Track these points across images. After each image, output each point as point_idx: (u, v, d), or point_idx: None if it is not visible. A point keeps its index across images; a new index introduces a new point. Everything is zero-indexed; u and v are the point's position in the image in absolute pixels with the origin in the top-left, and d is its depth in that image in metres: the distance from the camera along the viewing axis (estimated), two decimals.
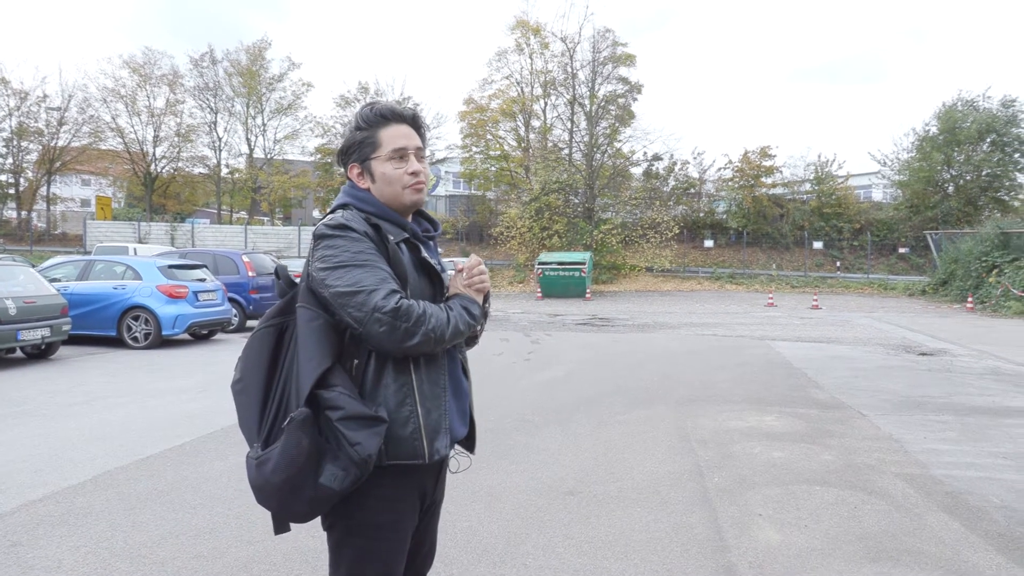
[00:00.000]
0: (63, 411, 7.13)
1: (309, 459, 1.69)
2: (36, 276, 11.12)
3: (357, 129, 1.94)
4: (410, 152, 1.93)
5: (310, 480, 1.70)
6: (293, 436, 1.69)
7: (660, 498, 4.71)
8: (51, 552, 3.71)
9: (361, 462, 1.69)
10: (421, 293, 1.88)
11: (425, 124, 2.04)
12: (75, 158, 43.61)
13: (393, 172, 1.92)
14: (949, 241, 29.68)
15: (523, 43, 41.89)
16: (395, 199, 1.94)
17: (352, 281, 1.74)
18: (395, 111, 1.95)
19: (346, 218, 1.83)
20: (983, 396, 8.30)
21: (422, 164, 1.96)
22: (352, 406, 1.72)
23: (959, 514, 4.41)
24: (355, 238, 1.80)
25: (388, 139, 1.92)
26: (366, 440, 1.70)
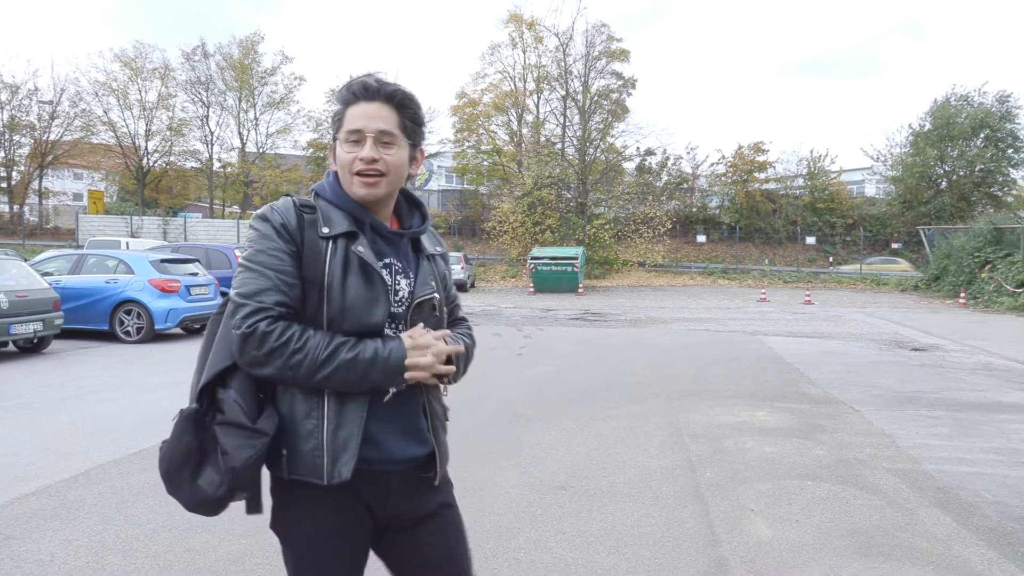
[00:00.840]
0: (55, 405, 7.10)
1: (188, 457, 1.61)
2: (28, 270, 11.06)
3: (336, 104, 1.74)
4: (367, 135, 1.65)
5: (186, 479, 1.62)
6: (177, 430, 1.63)
7: (652, 493, 4.72)
8: (44, 546, 3.70)
9: (227, 471, 1.56)
10: (355, 297, 1.62)
11: (412, 104, 1.73)
12: (67, 152, 43.38)
13: (344, 156, 1.68)
14: (942, 237, 29.81)
15: (516, 37, 41.85)
16: (347, 188, 1.70)
17: (237, 285, 1.60)
18: (365, 86, 1.67)
19: (272, 208, 1.66)
20: (975, 391, 8.34)
21: (387, 150, 1.68)
22: (232, 412, 1.58)
23: (951, 509, 4.44)
24: (264, 233, 1.63)
25: (349, 118, 1.68)
26: (235, 451, 1.55)
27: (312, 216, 1.66)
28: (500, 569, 3.55)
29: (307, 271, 1.62)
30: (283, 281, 1.58)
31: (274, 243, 1.60)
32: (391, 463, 1.68)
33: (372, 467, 1.65)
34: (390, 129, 1.67)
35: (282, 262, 1.59)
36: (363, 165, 1.65)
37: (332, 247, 1.64)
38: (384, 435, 1.66)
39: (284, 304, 1.57)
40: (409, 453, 1.71)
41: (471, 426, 6.40)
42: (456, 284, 23.80)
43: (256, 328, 1.53)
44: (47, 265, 13.00)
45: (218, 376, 1.62)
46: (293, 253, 1.61)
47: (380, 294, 1.65)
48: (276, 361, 1.54)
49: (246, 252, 1.63)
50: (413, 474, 1.74)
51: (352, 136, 1.66)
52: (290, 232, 1.62)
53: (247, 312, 1.54)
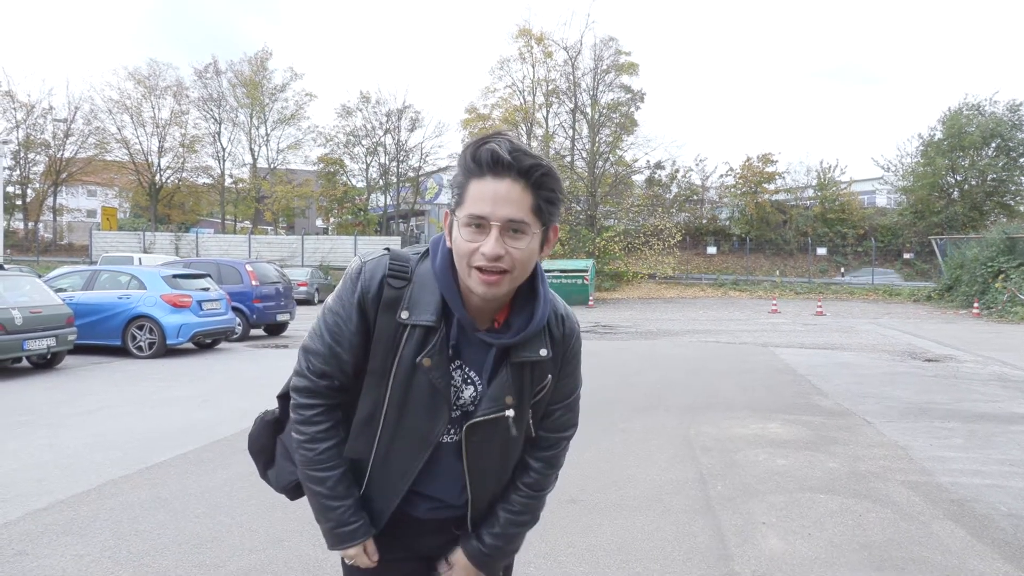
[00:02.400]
0: (68, 420, 7.14)
1: (261, 452, 1.72)
2: (42, 286, 11.16)
3: (458, 169, 1.44)
4: (492, 224, 1.35)
5: (260, 466, 1.75)
6: (255, 428, 1.74)
7: (663, 506, 4.69)
8: (55, 561, 3.72)
9: (279, 486, 1.71)
10: (415, 401, 1.49)
11: (552, 184, 1.41)
12: (81, 169, 43.97)
13: (462, 244, 1.39)
14: (954, 246, 29.63)
15: (525, 51, 42.04)
16: (463, 278, 1.43)
17: (310, 331, 1.57)
18: (495, 159, 1.35)
19: (363, 267, 1.50)
20: (989, 402, 8.26)
21: (515, 243, 1.38)
22: (287, 435, 1.67)
23: (965, 522, 4.39)
24: (343, 294, 1.51)
25: (472, 197, 1.37)
26: (280, 471, 1.70)
27: (397, 293, 1.47)
28: None
29: (375, 362, 1.50)
30: (333, 353, 1.50)
31: (344, 310, 1.50)
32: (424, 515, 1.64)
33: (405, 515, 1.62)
34: (522, 217, 1.37)
35: (341, 333, 1.50)
36: (484, 261, 1.37)
37: (408, 335, 1.47)
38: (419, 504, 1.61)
39: (324, 375, 1.52)
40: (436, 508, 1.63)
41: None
42: None
43: (295, 399, 1.55)
44: (61, 281, 13.11)
45: None
46: (360, 330, 1.49)
47: (442, 405, 1.50)
48: (291, 427, 1.59)
49: (328, 301, 1.56)
50: (445, 525, 1.67)
51: (474, 221, 1.37)
52: (365, 308, 1.48)
53: (297, 370, 1.55)
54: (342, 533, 1.54)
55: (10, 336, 9.69)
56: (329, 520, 1.54)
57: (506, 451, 1.60)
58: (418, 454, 1.53)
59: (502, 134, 1.39)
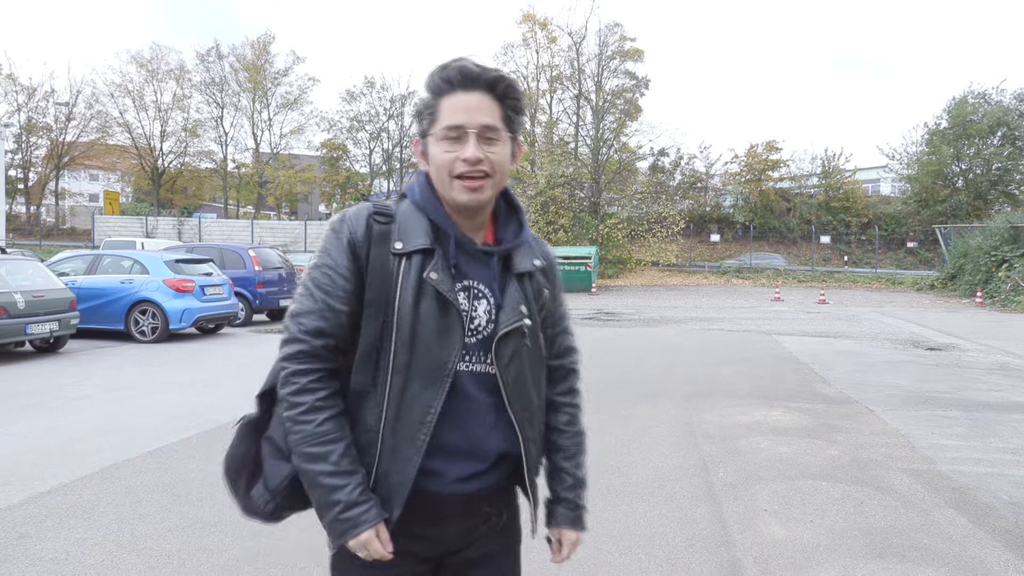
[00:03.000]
0: (71, 404, 7.16)
1: (243, 465, 1.54)
2: (45, 270, 11.17)
3: (426, 94, 1.48)
4: (469, 131, 1.42)
5: (241, 486, 1.55)
6: (236, 436, 1.57)
7: (665, 492, 4.70)
8: (59, 544, 3.73)
9: (269, 491, 1.50)
10: (427, 328, 1.42)
11: (515, 93, 1.49)
12: (83, 153, 43.93)
13: (442, 156, 1.44)
14: (958, 235, 29.54)
15: (530, 37, 41.88)
16: (446, 195, 1.47)
17: (295, 297, 1.48)
18: (464, 73, 1.43)
19: (343, 217, 1.48)
20: (992, 391, 8.25)
21: (491, 148, 1.44)
22: (276, 431, 1.50)
23: (967, 510, 4.39)
24: (327, 247, 1.46)
25: (446, 112, 1.43)
26: (271, 472, 1.49)
27: (385, 228, 1.47)
28: None
29: (372, 292, 1.44)
30: (328, 306, 1.42)
31: (332, 260, 1.44)
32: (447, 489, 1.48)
33: (425, 493, 1.46)
34: (494, 123, 1.45)
35: (334, 284, 1.43)
36: (467, 167, 1.42)
37: (406, 265, 1.44)
38: (439, 463, 1.46)
39: (322, 333, 1.42)
40: (467, 475, 1.49)
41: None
42: None
43: (286, 367, 1.42)
44: (63, 265, 13.12)
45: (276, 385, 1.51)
46: (352, 273, 1.44)
47: (455, 325, 1.44)
48: (280, 407, 1.45)
49: (310, 262, 1.50)
50: (473, 505, 1.53)
51: (451, 133, 1.43)
52: (355, 248, 1.44)
53: (286, 338, 1.43)
54: (352, 517, 1.38)
55: (13, 320, 9.71)
56: (335, 504, 1.38)
57: (535, 369, 1.56)
58: (437, 388, 1.42)
59: (461, 56, 1.46)
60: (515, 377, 1.50)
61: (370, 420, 1.44)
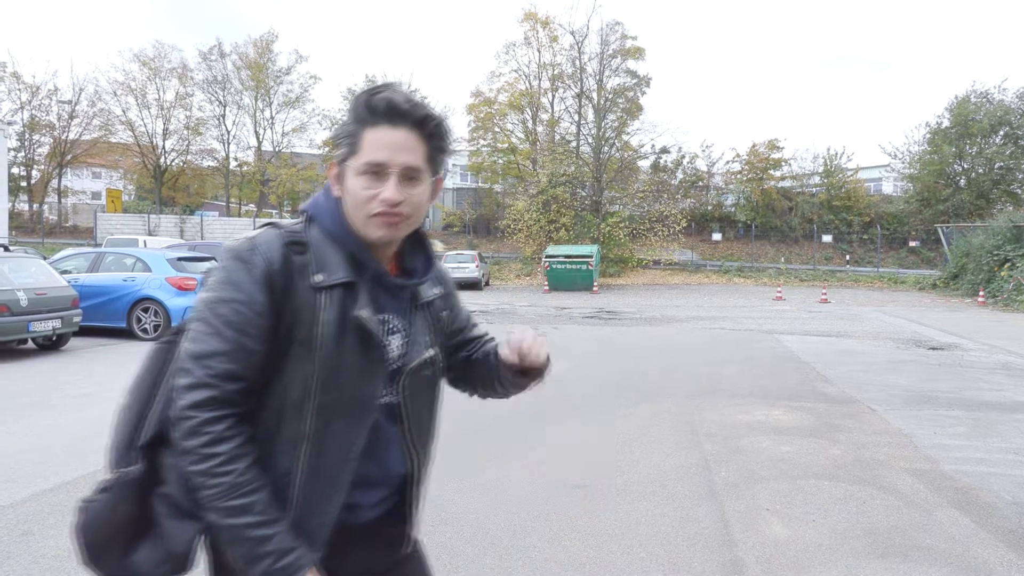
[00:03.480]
0: (73, 402, 7.17)
1: (120, 532, 1.35)
2: (47, 268, 11.18)
3: (349, 119, 1.40)
4: (391, 171, 1.34)
5: (115, 555, 1.35)
6: (113, 497, 1.36)
7: (667, 492, 4.70)
8: (61, 541, 3.73)
9: (171, 557, 1.34)
10: (351, 366, 1.36)
11: (444, 134, 1.43)
12: (86, 151, 43.95)
13: (360, 192, 1.35)
14: (960, 235, 29.49)
15: (531, 36, 41.82)
16: (359, 228, 1.39)
17: (191, 338, 1.31)
18: (392, 107, 1.34)
19: (253, 246, 1.34)
20: (994, 391, 8.24)
21: (411, 189, 1.37)
22: (175, 486, 1.34)
23: (969, 510, 4.39)
24: (236, 279, 1.31)
25: (369, 145, 1.34)
26: (174, 534, 1.33)
27: (302, 259, 1.36)
28: (514, 567, 3.55)
29: (300, 331, 1.33)
30: (241, 347, 1.29)
31: (244, 294, 1.30)
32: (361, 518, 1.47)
33: (341, 525, 1.42)
34: (417, 164, 1.37)
35: (247, 321, 1.29)
36: (385, 207, 1.35)
37: (326, 299, 1.35)
38: (358, 495, 1.44)
39: (235, 376, 1.29)
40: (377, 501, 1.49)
41: (485, 424, 6.40)
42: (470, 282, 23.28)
43: (194, 416, 1.26)
44: (66, 263, 13.13)
45: (161, 432, 1.36)
46: (268, 310, 1.31)
47: (378, 361, 1.40)
48: (185, 460, 1.27)
49: (208, 295, 1.32)
50: (379, 526, 1.51)
51: (372, 168, 1.34)
52: (273, 281, 1.31)
53: (191, 383, 1.27)
54: (289, 564, 1.26)
55: (15, 317, 9.72)
56: (267, 555, 1.26)
57: (433, 397, 1.58)
58: (360, 426, 1.39)
59: (392, 85, 1.39)
60: (418, 407, 1.51)
61: (284, 464, 1.35)
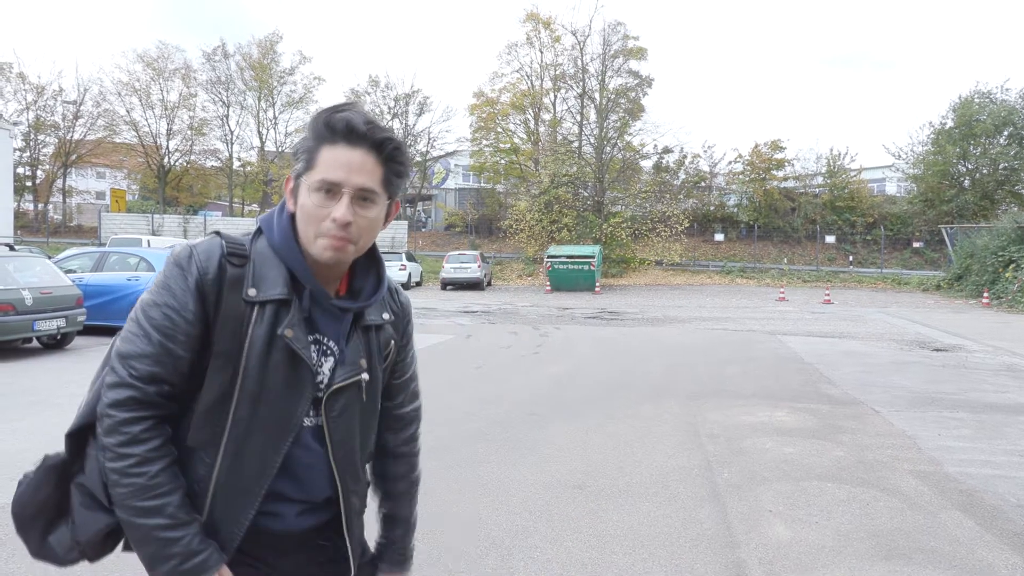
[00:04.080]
0: (77, 401, 7.08)
1: (41, 511, 1.38)
2: (52, 267, 11.20)
3: (308, 134, 1.38)
4: (344, 190, 1.32)
5: (36, 532, 1.38)
6: (37, 478, 1.40)
7: (669, 493, 4.69)
8: None
9: (77, 543, 1.35)
10: (276, 383, 1.35)
11: (402, 158, 1.40)
12: (90, 151, 44.06)
13: (312, 209, 1.34)
14: (964, 235, 29.42)
15: (533, 36, 41.85)
16: (306, 244, 1.37)
17: (122, 336, 1.34)
18: (350, 127, 1.33)
19: (192, 252, 1.35)
20: (998, 393, 8.22)
21: (364, 211, 1.35)
22: (92, 477, 1.35)
23: (974, 512, 4.37)
24: (170, 284, 1.32)
25: (324, 162, 1.33)
26: (83, 523, 1.34)
27: (238, 271, 1.35)
28: (516, 568, 3.55)
29: (223, 343, 1.33)
30: (166, 351, 1.30)
31: (175, 300, 1.31)
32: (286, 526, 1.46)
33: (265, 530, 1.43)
34: (372, 187, 1.35)
35: (175, 327, 1.31)
36: (335, 228, 1.33)
37: (257, 314, 1.34)
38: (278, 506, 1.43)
39: (157, 379, 1.30)
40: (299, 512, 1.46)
41: (487, 424, 6.40)
42: (473, 283, 23.16)
43: (113, 415, 1.28)
44: (70, 263, 13.15)
45: (91, 423, 1.37)
46: (198, 318, 1.32)
47: (305, 381, 1.39)
48: (104, 456, 1.29)
49: (145, 296, 1.35)
50: (308, 538, 1.50)
51: (325, 186, 1.33)
52: (204, 291, 1.32)
53: (115, 382, 1.30)
54: (191, 568, 1.28)
55: (20, 316, 9.74)
56: (172, 557, 1.27)
57: (365, 423, 1.52)
58: (279, 443, 1.37)
59: (354, 104, 1.37)
60: (344, 431, 1.46)
61: (200, 471, 1.36)
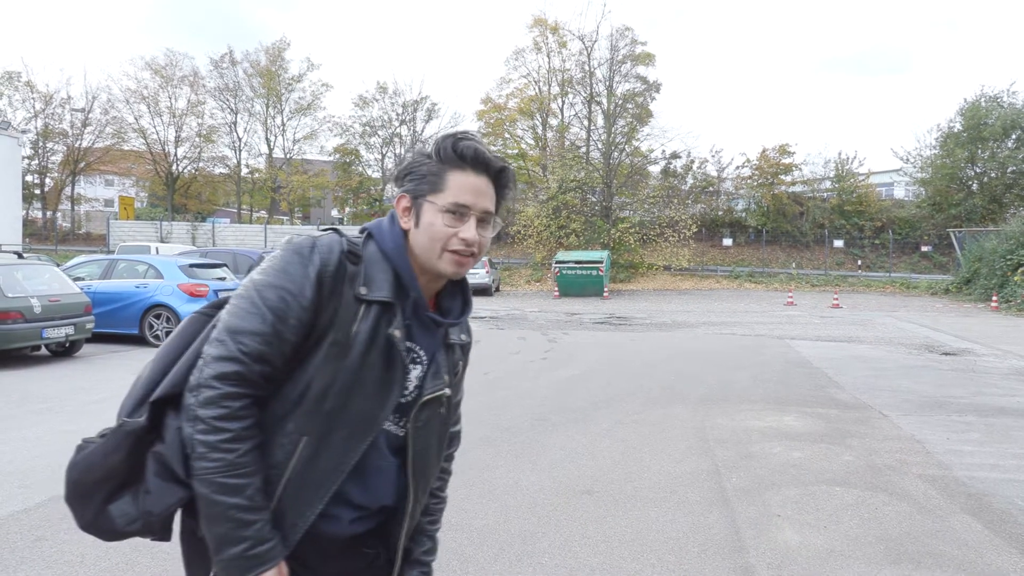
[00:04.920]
0: (86, 408, 7.22)
1: (109, 477, 1.36)
2: (60, 275, 11.27)
3: (427, 157, 1.46)
4: (473, 214, 1.45)
5: (97, 499, 1.37)
6: (111, 443, 1.37)
7: (677, 498, 4.69)
8: (74, 547, 3.76)
9: (144, 514, 1.35)
10: (366, 379, 1.40)
11: (513, 184, 1.55)
12: (99, 159, 44.35)
13: (441, 228, 1.43)
14: (973, 239, 29.26)
15: (541, 41, 41.92)
16: (428, 259, 1.46)
17: (231, 310, 1.37)
18: (480, 157, 1.45)
19: (315, 244, 1.40)
20: (1007, 397, 8.18)
21: (483, 232, 1.48)
22: (171, 449, 1.34)
23: (982, 516, 4.35)
24: (289, 270, 1.37)
25: (455, 187, 1.43)
26: (157, 495, 1.34)
27: (354, 268, 1.43)
28: (524, 573, 3.55)
29: (338, 332, 1.39)
30: (277, 333, 1.33)
31: (294, 286, 1.36)
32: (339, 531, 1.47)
33: (318, 532, 1.44)
34: (492, 209, 1.50)
35: (289, 311, 1.34)
36: (463, 246, 1.45)
37: (364, 311, 1.41)
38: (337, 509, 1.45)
39: (263, 359, 1.33)
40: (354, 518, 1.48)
41: (495, 430, 6.40)
42: (481, 288, 23.27)
43: (216, 387, 1.30)
44: (79, 270, 13.23)
45: (174, 394, 1.39)
46: (313, 307, 1.37)
47: (395, 384, 1.45)
48: (194, 427, 1.30)
49: (259, 275, 1.39)
50: (355, 544, 1.52)
51: (457, 208, 1.43)
52: (323, 282, 1.37)
53: (222, 355, 1.31)
54: (258, 554, 1.30)
55: (29, 324, 9.81)
56: (244, 540, 1.29)
57: (441, 437, 1.60)
58: (359, 442, 1.41)
59: (473, 134, 1.49)
60: (424, 441, 1.53)
61: (278, 456, 1.37)
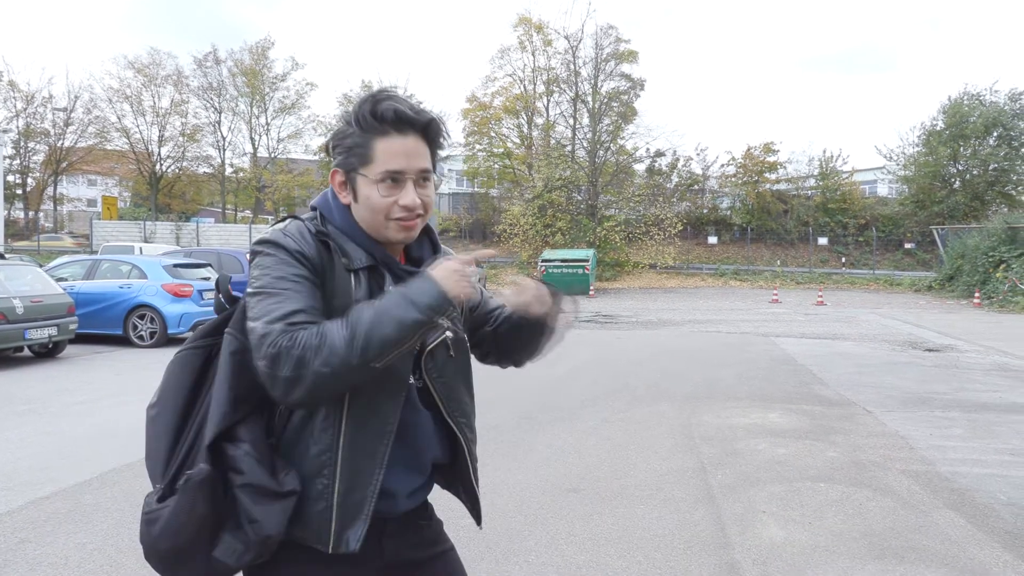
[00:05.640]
0: (70, 409, 7.16)
1: (202, 528, 1.37)
2: (43, 275, 11.17)
3: (348, 126, 1.45)
4: (408, 177, 1.43)
5: (202, 552, 1.38)
6: (187, 499, 1.37)
7: (663, 495, 4.71)
8: (58, 549, 3.73)
9: (260, 542, 1.36)
10: None
11: (444, 132, 1.52)
12: (81, 158, 43.92)
13: (379, 200, 1.43)
14: (956, 236, 29.56)
15: (526, 40, 41.88)
16: (376, 231, 1.47)
17: (259, 313, 1.34)
18: (401, 115, 1.41)
19: (284, 233, 1.42)
20: (990, 392, 8.27)
21: (424, 190, 1.46)
22: (255, 473, 1.36)
23: (965, 511, 4.40)
24: (280, 258, 1.39)
25: (383, 155, 1.41)
26: (266, 518, 1.35)
27: (331, 244, 1.46)
28: (511, 571, 3.55)
29: (339, 300, 1.41)
30: (313, 308, 1.36)
31: (295, 269, 1.38)
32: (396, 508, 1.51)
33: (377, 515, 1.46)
34: (428, 167, 1.46)
35: (309, 290, 1.38)
36: (404, 212, 1.44)
37: (355, 281, 1.44)
38: (393, 480, 1.48)
39: (313, 311, 1.36)
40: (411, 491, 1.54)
41: (481, 428, 6.35)
42: None
43: (279, 345, 1.28)
44: (62, 270, 13.12)
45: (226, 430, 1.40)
46: (317, 284, 1.40)
47: None
48: (307, 370, 1.28)
49: (258, 280, 1.39)
50: (411, 518, 1.57)
51: (389, 176, 1.42)
52: (310, 260, 1.40)
53: (277, 333, 1.30)
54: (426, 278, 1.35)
55: (12, 325, 9.71)
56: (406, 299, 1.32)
57: (464, 377, 1.63)
58: (394, 401, 1.44)
59: (390, 91, 1.46)
60: (446, 387, 1.56)
61: (325, 440, 1.40)
